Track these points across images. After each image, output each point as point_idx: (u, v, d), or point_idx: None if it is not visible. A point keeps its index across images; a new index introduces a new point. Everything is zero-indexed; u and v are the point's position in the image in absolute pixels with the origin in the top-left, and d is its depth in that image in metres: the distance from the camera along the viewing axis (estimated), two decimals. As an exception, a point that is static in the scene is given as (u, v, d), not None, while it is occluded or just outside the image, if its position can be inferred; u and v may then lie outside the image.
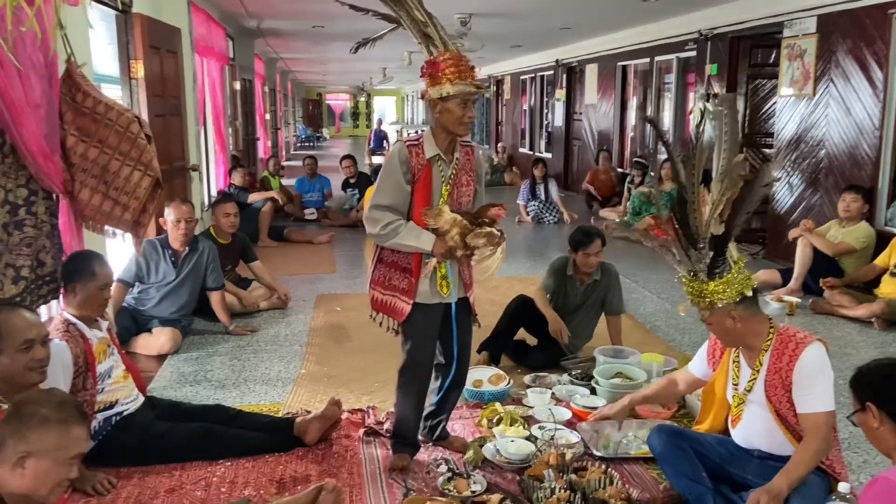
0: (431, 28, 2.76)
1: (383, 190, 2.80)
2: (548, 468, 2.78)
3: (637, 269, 6.73)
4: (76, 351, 2.79)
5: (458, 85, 2.68)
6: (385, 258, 2.89)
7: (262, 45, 12.80)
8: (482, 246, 2.81)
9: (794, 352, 2.46)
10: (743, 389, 2.57)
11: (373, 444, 3.24)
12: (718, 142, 2.54)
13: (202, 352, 4.49)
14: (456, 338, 2.93)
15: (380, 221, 2.75)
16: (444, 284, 2.86)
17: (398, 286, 2.86)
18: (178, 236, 4.55)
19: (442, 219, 2.76)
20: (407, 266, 2.84)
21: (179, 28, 5.73)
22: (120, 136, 3.15)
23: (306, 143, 28.24)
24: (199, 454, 3.07)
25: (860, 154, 5.99)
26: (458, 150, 2.85)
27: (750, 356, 2.57)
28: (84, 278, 2.90)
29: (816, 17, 6.43)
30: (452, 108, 2.71)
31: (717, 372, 2.68)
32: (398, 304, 2.86)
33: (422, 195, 2.79)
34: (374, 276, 2.93)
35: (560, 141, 13.54)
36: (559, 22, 9.47)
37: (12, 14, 2.31)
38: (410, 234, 2.75)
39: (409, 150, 2.78)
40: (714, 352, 2.73)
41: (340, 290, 6.03)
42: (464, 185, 2.87)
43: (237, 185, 8.21)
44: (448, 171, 2.82)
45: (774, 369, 2.49)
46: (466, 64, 2.74)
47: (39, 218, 2.99)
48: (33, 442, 1.71)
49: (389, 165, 2.80)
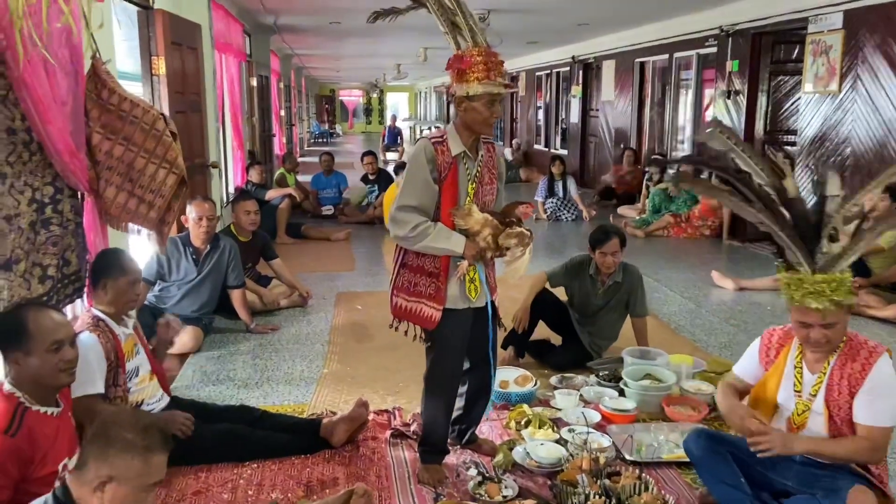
0: (460, 17, 2.65)
1: (410, 190, 2.66)
2: (581, 473, 2.73)
3: (658, 267, 6.65)
4: (107, 346, 2.77)
5: (487, 85, 2.59)
6: (410, 262, 2.76)
7: (278, 42, 12.77)
8: (513, 246, 2.74)
9: (867, 360, 2.38)
10: (808, 395, 2.47)
11: (400, 446, 3.19)
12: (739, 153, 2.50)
13: (224, 350, 4.46)
14: (491, 342, 2.86)
15: (408, 223, 2.62)
16: (473, 288, 2.77)
17: (425, 292, 2.73)
18: (199, 234, 4.53)
19: (472, 219, 2.67)
20: (434, 270, 2.72)
21: (200, 24, 5.71)
22: (146, 133, 3.11)
23: (319, 140, 28.27)
24: (225, 455, 3.04)
25: (888, 152, 5.88)
26: (481, 148, 2.77)
27: (816, 360, 2.47)
28: (115, 275, 2.87)
29: (843, 12, 6.32)
30: (478, 108, 2.62)
31: (769, 373, 2.57)
32: (426, 311, 2.74)
33: (449, 194, 2.69)
34: (398, 282, 2.79)
35: (576, 138, 13.45)
36: (578, 17, 9.38)
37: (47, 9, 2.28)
38: (440, 236, 2.64)
39: (434, 147, 2.67)
40: (768, 352, 2.60)
41: (360, 287, 5.99)
42: (487, 183, 2.79)
43: (254, 181, 8.20)
44: (473, 168, 2.73)
45: (841, 374, 2.40)
46: (496, 60, 2.63)
47: (65, 216, 2.96)
48: (117, 467, 1.68)
49: (416, 163, 2.66)
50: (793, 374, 2.51)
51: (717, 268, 6.36)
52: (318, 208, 9.51)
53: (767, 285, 5.91)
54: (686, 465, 2.96)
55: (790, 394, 2.51)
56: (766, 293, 5.80)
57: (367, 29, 10.66)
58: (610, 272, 4.12)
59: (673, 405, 3.49)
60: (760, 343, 2.64)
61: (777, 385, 2.53)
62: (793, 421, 2.49)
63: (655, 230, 8.36)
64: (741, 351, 4.40)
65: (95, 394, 2.67)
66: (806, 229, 2.41)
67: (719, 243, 7.98)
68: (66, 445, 2.19)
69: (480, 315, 2.86)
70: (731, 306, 5.49)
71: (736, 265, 6.86)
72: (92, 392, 2.65)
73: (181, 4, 5.29)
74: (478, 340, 2.89)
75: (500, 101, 2.67)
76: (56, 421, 2.20)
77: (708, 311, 5.37)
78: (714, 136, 2.53)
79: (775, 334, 2.61)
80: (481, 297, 2.82)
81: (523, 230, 2.74)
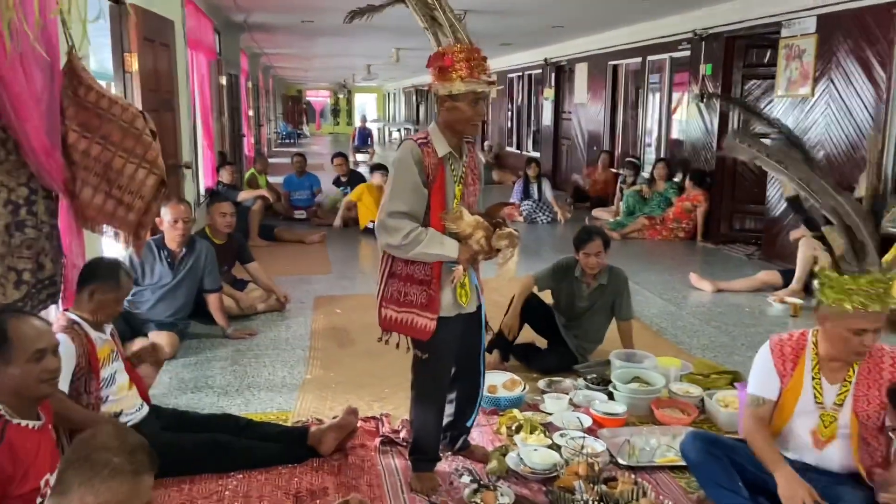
0: (440, 12, 2.56)
1: (399, 194, 2.54)
2: (578, 479, 2.69)
3: (636, 269, 6.65)
4: (79, 350, 2.64)
5: (470, 83, 2.50)
6: (398, 272, 2.64)
7: (247, 40, 12.57)
8: (504, 248, 2.68)
9: (894, 366, 2.37)
10: (832, 405, 2.42)
11: (390, 453, 3.12)
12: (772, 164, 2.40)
13: (201, 357, 4.33)
14: (483, 347, 2.80)
15: (400, 231, 2.50)
16: (464, 294, 2.69)
17: (416, 301, 2.62)
18: (175, 237, 4.39)
19: (463, 222, 2.58)
20: (425, 278, 2.60)
21: (173, 20, 5.56)
22: (124, 132, 2.99)
23: (287, 141, 27.95)
24: (209, 466, 2.93)
25: (861, 155, 5.97)
26: (465, 148, 2.69)
27: (836, 369, 2.43)
28: (107, 286, 2.78)
29: (816, 16, 6.40)
30: (462, 107, 2.54)
31: (790, 385, 2.50)
32: (419, 322, 2.63)
33: (438, 197, 2.59)
34: (386, 293, 2.67)
35: (549, 140, 13.48)
36: (551, 20, 9.39)
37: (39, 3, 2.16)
38: (434, 242, 2.53)
39: (420, 148, 2.58)
40: (784, 362, 2.51)
41: (337, 291, 5.89)
42: (471, 184, 2.71)
43: (225, 182, 8.03)
44: (459, 169, 2.66)
45: (867, 383, 2.38)
46: (479, 57, 2.55)
47: (40, 218, 2.83)
48: (103, 494, 1.57)
49: (404, 167, 2.55)
50: (811, 385, 2.46)
51: (692, 269, 6.40)
52: (291, 210, 9.37)
53: (744, 286, 5.97)
54: (680, 468, 2.95)
55: (811, 406, 2.46)
56: (743, 294, 5.84)
57: (340, 28, 10.55)
58: (594, 273, 4.09)
59: (662, 408, 3.47)
60: (771, 354, 2.54)
61: (795, 398, 2.48)
62: (819, 434, 2.45)
63: (631, 232, 8.40)
64: (723, 352, 4.48)
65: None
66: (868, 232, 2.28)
67: (693, 245, 8.05)
68: (48, 460, 2.08)
69: (470, 320, 2.79)
70: (711, 308, 5.51)
71: (711, 266, 6.91)
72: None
73: (153, 0, 5.14)
74: (468, 346, 2.83)
75: (485, 99, 2.59)
76: (37, 434, 2.08)
77: (688, 312, 5.38)
78: (735, 147, 2.46)
79: (786, 344, 2.53)
80: (472, 303, 2.75)
81: (512, 231, 2.67)
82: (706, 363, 4.06)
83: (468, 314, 2.76)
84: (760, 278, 6.02)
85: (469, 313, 2.76)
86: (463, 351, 2.82)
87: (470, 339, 2.81)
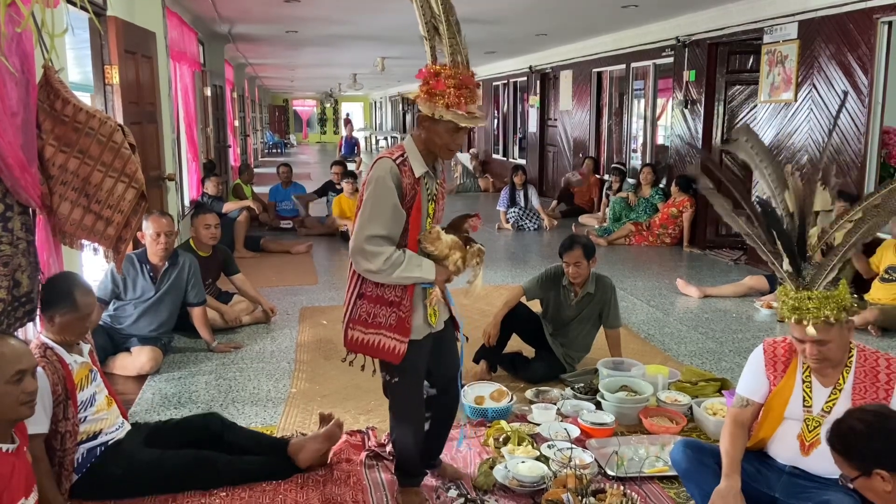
0: (443, 26, 2.43)
1: (378, 217, 2.41)
2: (566, 491, 2.66)
3: (622, 275, 6.66)
4: (54, 378, 2.57)
5: (454, 115, 2.39)
6: (368, 293, 2.53)
7: (232, 51, 12.52)
8: (475, 266, 2.64)
9: (889, 372, 2.36)
10: (820, 411, 2.42)
11: (376, 467, 3.08)
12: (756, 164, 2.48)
13: (185, 371, 4.27)
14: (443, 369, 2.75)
15: (380, 256, 2.40)
16: (433, 313, 2.62)
17: (385, 323, 2.51)
18: (157, 251, 4.33)
19: (441, 243, 2.53)
20: (395, 299, 2.50)
21: (154, 32, 5.51)
22: (102, 145, 2.94)
23: (274, 150, 27.88)
24: (192, 483, 2.88)
25: (844, 160, 6.00)
26: (439, 164, 2.63)
27: (828, 374, 2.42)
28: (64, 307, 2.67)
29: (797, 22, 6.44)
30: (440, 132, 2.43)
31: (778, 388, 2.50)
32: (387, 344, 2.53)
33: (415, 218, 2.51)
34: (354, 314, 2.56)
35: (534, 147, 13.50)
36: (536, 28, 9.41)
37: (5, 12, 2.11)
38: (412, 265, 2.44)
39: (399, 168, 2.45)
40: (776, 365, 2.52)
41: (324, 302, 5.84)
42: (440, 199, 2.65)
43: (210, 194, 7.97)
44: (433, 188, 2.58)
45: (864, 388, 2.37)
46: (471, 89, 2.43)
47: (15, 234, 2.76)
48: None
49: (382, 188, 2.42)
50: (801, 389, 2.46)
51: (679, 275, 6.41)
52: (277, 221, 9.32)
53: (731, 292, 5.97)
54: (668, 479, 2.93)
55: (799, 412, 2.46)
56: (730, 300, 5.85)
57: (325, 38, 10.56)
58: (577, 282, 4.08)
59: (651, 417, 3.45)
60: (763, 357, 2.55)
61: (785, 401, 2.48)
62: (804, 438, 2.45)
63: (617, 238, 8.41)
64: (711, 359, 4.47)
65: (40, 433, 2.49)
66: (790, 245, 2.38)
67: (680, 251, 8.06)
68: (23, 484, 2.03)
69: (442, 338, 2.72)
70: (698, 314, 5.51)
71: (697, 272, 6.92)
72: (37, 431, 2.46)
73: (135, 12, 5.10)
74: (442, 364, 2.76)
75: (466, 130, 2.49)
76: (12, 458, 2.03)
77: (675, 319, 5.38)
78: (741, 145, 2.50)
79: (779, 346, 2.54)
80: (440, 320, 2.70)
81: (481, 246, 2.65)
82: (694, 370, 4.05)
83: (438, 332, 2.70)
84: (747, 283, 6.03)
85: (439, 331, 2.70)
86: (439, 370, 2.76)
87: (444, 357, 2.75)
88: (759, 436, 2.57)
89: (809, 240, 2.38)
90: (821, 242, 2.37)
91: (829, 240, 2.37)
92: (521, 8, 7.73)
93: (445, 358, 2.75)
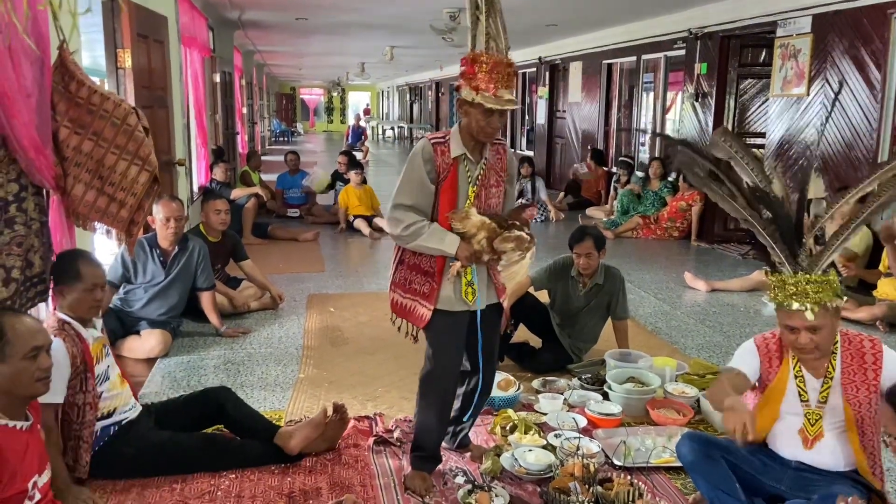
0: (483, 16, 2.52)
1: (405, 189, 2.63)
2: (573, 480, 2.67)
3: (630, 268, 6.65)
4: (73, 350, 2.61)
5: (484, 97, 2.49)
6: (406, 260, 2.73)
7: (241, 38, 12.52)
8: (510, 251, 2.66)
9: (875, 353, 2.37)
10: (817, 402, 2.43)
11: (383, 453, 3.10)
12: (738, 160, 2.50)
13: (194, 355, 4.29)
14: (481, 347, 2.78)
15: (402, 222, 2.60)
16: (470, 291, 2.70)
17: (419, 290, 2.70)
18: (167, 235, 4.35)
19: (469, 222, 2.61)
20: (429, 269, 2.68)
21: (166, 16, 5.51)
22: (116, 128, 2.95)
23: (280, 138, 27.88)
24: (202, 465, 2.90)
25: (856, 155, 5.98)
26: (487, 150, 2.69)
27: (816, 365, 2.43)
28: (70, 280, 2.72)
29: (811, 16, 6.41)
30: (474, 115, 2.55)
31: (772, 385, 2.51)
32: (418, 310, 2.71)
33: (447, 196, 2.63)
34: (395, 278, 2.77)
35: (543, 139, 13.47)
36: (546, 19, 9.38)
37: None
38: (434, 237, 2.60)
39: (434, 147, 2.62)
40: (770, 359, 2.52)
41: (331, 289, 5.86)
42: (493, 185, 2.71)
43: (219, 180, 7.99)
44: (475, 171, 2.67)
45: (853, 371, 2.38)
46: (503, 73, 2.51)
47: (29, 215, 2.78)
48: None
49: (412, 163, 2.63)
50: (795, 384, 2.46)
51: (687, 269, 6.40)
52: (284, 208, 9.33)
53: (739, 286, 5.97)
54: (675, 469, 2.93)
55: (797, 406, 2.46)
56: (738, 294, 5.85)
57: (334, 26, 10.54)
58: (587, 273, 4.08)
59: (658, 409, 3.45)
60: (756, 349, 2.55)
61: (780, 397, 2.48)
62: (807, 432, 2.46)
63: (625, 231, 8.39)
64: (718, 352, 4.47)
65: (53, 403, 2.51)
66: (787, 230, 2.41)
67: (688, 244, 8.04)
68: (36, 462, 2.05)
69: (483, 318, 2.77)
70: (705, 307, 5.51)
71: (706, 266, 6.91)
72: (51, 401, 2.48)
73: (147, -4, 5.10)
74: (482, 344, 2.80)
75: (501, 113, 2.55)
76: (26, 435, 2.05)
77: (683, 312, 5.37)
78: (718, 144, 2.52)
79: (770, 342, 2.54)
80: (482, 301, 2.74)
81: (522, 234, 2.65)
82: (701, 363, 4.05)
83: (481, 312, 2.74)
84: (755, 278, 6.01)
85: (480, 311, 2.74)
86: (470, 346, 2.81)
87: (486, 336, 2.80)
88: None
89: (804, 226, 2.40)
90: (815, 229, 2.39)
91: (822, 227, 2.40)
92: (533, -2, 7.70)
93: (487, 338, 2.80)
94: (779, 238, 2.40)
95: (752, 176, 2.50)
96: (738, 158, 2.50)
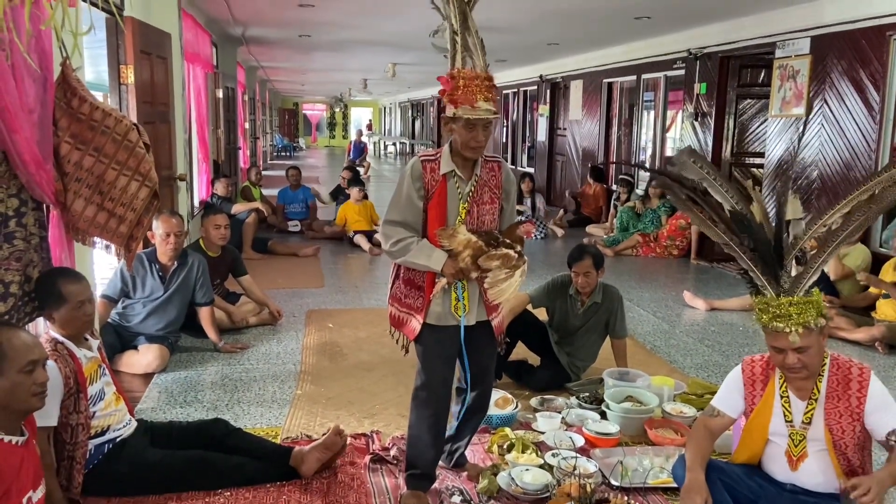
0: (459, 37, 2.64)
1: (395, 205, 2.71)
2: (569, 500, 2.66)
3: (629, 286, 6.66)
4: (66, 371, 2.60)
5: (463, 109, 2.54)
6: (402, 274, 2.79)
7: (244, 54, 12.61)
8: (495, 268, 2.67)
9: (861, 378, 2.37)
10: (801, 424, 2.43)
11: (380, 471, 3.08)
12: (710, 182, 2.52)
13: (191, 371, 4.29)
14: (468, 363, 2.78)
15: (391, 237, 2.67)
16: (461, 307, 2.71)
17: (413, 304, 2.75)
18: (166, 251, 4.36)
19: (456, 240, 2.64)
20: (421, 284, 2.73)
21: (170, 33, 5.55)
22: (117, 144, 2.96)
23: (283, 153, 27.98)
24: (196, 484, 2.88)
25: (855, 175, 6.00)
26: (479, 167, 2.71)
27: (802, 386, 2.43)
28: (55, 303, 2.67)
29: (810, 38, 6.45)
30: (458, 130, 2.60)
31: (759, 407, 2.50)
32: (411, 322, 2.75)
33: (436, 213, 2.66)
34: (392, 291, 2.82)
35: (543, 156, 13.52)
36: (548, 37, 9.44)
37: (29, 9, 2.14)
38: (422, 253, 2.64)
39: (423, 165, 2.66)
40: (754, 385, 2.53)
41: (330, 305, 5.86)
42: (486, 202, 2.73)
43: (220, 195, 8.01)
44: (466, 188, 2.68)
45: (837, 396, 2.38)
46: (479, 85, 2.56)
47: (29, 230, 2.79)
48: None
49: (402, 181, 2.69)
50: (780, 405, 2.47)
51: (686, 287, 6.40)
52: (285, 223, 9.36)
53: (738, 305, 5.96)
54: (673, 490, 2.92)
55: (782, 426, 2.47)
56: (737, 313, 5.84)
57: (337, 43, 10.61)
58: (585, 291, 4.08)
59: (656, 428, 3.44)
60: (742, 375, 2.56)
61: (767, 419, 2.49)
62: (791, 453, 2.46)
63: (624, 249, 8.40)
64: (717, 371, 4.46)
65: (48, 426, 2.50)
66: (767, 253, 2.42)
67: (687, 263, 8.05)
68: (31, 477, 2.04)
69: (475, 333, 2.78)
70: (705, 326, 5.50)
71: (705, 285, 6.91)
72: (45, 424, 2.47)
73: (151, 13, 5.14)
74: (473, 361, 2.81)
75: (484, 126, 2.58)
76: (21, 450, 2.04)
77: (682, 331, 5.37)
78: (687, 165, 2.54)
79: (756, 365, 2.55)
80: (472, 316, 2.75)
81: (509, 252, 2.67)
82: (700, 383, 4.04)
83: (470, 328, 2.75)
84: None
85: (470, 326, 2.75)
86: (471, 366, 2.82)
87: (477, 352, 2.81)
88: (744, 455, 2.59)
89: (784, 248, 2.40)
90: (795, 250, 2.40)
91: (802, 247, 2.41)
92: (533, 17, 7.76)
93: (478, 355, 2.81)
94: (759, 262, 2.42)
95: (728, 198, 2.51)
96: (710, 180, 2.51)
